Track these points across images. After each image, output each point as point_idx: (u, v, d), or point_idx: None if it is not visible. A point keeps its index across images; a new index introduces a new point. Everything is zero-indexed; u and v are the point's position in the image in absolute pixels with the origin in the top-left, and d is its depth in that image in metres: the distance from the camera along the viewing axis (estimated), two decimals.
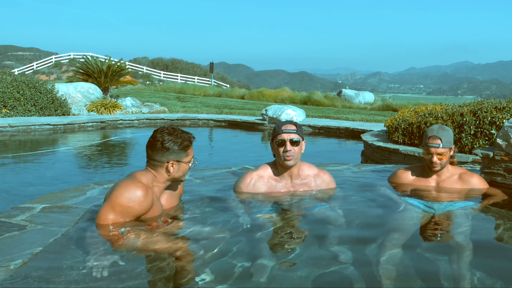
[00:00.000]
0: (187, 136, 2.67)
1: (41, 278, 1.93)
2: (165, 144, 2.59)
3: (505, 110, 6.86)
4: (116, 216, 2.46)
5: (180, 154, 2.63)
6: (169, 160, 2.61)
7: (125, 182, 2.53)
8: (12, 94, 12.94)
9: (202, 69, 55.36)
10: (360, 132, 10.51)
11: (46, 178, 6.48)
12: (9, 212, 2.78)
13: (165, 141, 2.59)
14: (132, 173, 2.65)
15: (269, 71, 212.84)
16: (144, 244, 2.30)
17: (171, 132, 2.63)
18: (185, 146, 2.65)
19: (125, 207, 2.46)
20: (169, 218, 2.68)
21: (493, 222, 2.99)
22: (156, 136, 2.62)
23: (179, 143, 2.62)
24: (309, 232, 2.67)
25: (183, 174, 2.72)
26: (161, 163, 2.62)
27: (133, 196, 2.47)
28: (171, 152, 2.60)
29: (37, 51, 75.78)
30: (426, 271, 2.10)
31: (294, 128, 3.13)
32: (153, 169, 2.65)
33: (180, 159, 2.64)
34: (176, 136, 2.62)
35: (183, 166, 2.68)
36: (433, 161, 3.30)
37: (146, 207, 2.52)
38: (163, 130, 2.64)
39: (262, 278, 1.96)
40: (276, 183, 3.23)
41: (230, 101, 22.05)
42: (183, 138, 2.64)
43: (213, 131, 13.12)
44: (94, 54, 33.70)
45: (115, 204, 2.46)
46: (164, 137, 2.60)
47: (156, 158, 2.62)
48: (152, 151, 2.62)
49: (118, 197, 2.47)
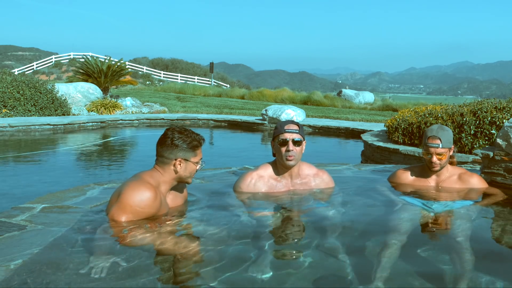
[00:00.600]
0: (197, 137, 2.73)
1: (41, 278, 1.92)
2: (175, 141, 2.64)
3: (505, 110, 6.87)
4: (128, 218, 2.48)
5: (188, 152, 2.68)
6: (177, 157, 2.65)
7: (134, 183, 2.55)
8: (12, 94, 12.94)
9: (202, 69, 55.36)
10: (360, 132, 10.51)
11: (46, 178, 6.47)
12: (9, 212, 2.78)
13: (175, 138, 2.65)
14: (138, 174, 2.67)
15: (269, 71, 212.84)
16: (146, 243, 2.30)
17: (182, 131, 2.70)
18: (194, 145, 2.70)
19: (136, 209, 2.49)
20: (170, 218, 2.68)
21: (493, 222, 2.99)
22: (167, 134, 2.69)
23: (189, 142, 2.67)
24: (309, 232, 2.68)
25: (190, 175, 2.74)
26: (169, 160, 2.66)
27: (143, 197, 2.51)
28: (180, 150, 2.65)
29: (37, 51, 75.78)
30: (425, 271, 2.10)
31: (297, 128, 3.14)
32: (160, 166, 2.68)
33: (188, 158, 2.68)
34: (186, 135, 2.68)
35: (190, 166, 2.71)
36: (433, 161, 3.30)
37: (156, 208, 2.56)
38: (174, 128, 2.71)
39: (263, 278, 1.96)
40: (276, 182, 3.23)
41: (230, 101, 22.05)
42: (193, 138, 2.70)
43: (213, 131, 13.12)
44: (94, 54, 33.71)
45: (126, 206, 2.49)
46: (175, 135, 2.66)
47: (165, 154, 2.66)
48: (162, 147, 2.67)
49: (127, 198, 2.50)
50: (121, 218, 2.47)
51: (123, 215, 2.47)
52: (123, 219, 2.47)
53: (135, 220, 2.49)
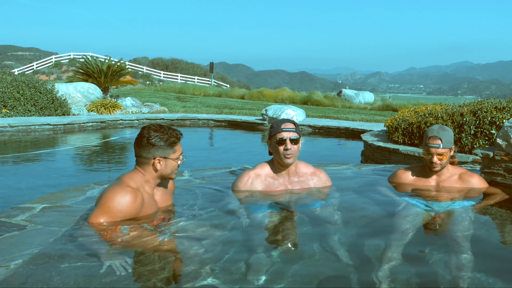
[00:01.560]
0: (174, 133, 2.67)
1: (41, 278, 1.92)
2: (151, 140, 2.59)
3: (505, 110, 6.87)
4: (106, 220, 2.49)
5: (166, 150, 2.63)
6: (155, 156, 2.61)
7: (114, 188, 2.56)
8: (12, 94, 12.94)
9: (202, 69, 55.35)
10: (360, 132, 10.51)
11: (46, 178, 6.48)
12: (9, 212, 2.79)
13: (151, 137, 2.59)
14: (120, 177, 2.66)
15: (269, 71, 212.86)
16: (144, 243, 2.30)
17: (157, 129, 2.63)
18: (172, 142, 2.64)
19: (115, 211, 2.49)
20: (168, 217, 2.68)
21: (493, 222, 2.99)
22: (142, 133, 2.63)
23: (165, 139, 2.62)
24: (308, 231, 2.67)
25: (172, 171, 2.70)
26: (147, 160, 2.62)
27: (122, 200, 2.50)
28: (157, 148, 2.60)
29: (37, 51, 75.79)
30: (425, 271, 2.10)
31: (293, 127, 3.15)
32: (141, 167, 2.66)
33: (166, 156, 2.64)
34: (162, 133, 2.62)
35: (171, 163, 2.67)
36: (433, 161, 3.30)
37: (136, 209, 2.55)
38: (149, 127, 2.64)
39: (260, 277, 1.96)
40: (274, 181, 3.24)
41: (230, 101, 22.05)
42: (170, 134, 2.64)
43: (213, 131, 13.12)
44: (94, 54, 33.69)
45: (105, 209, 2.49)
46: (150, 133, 2.60)
47: (143, 154, 2.62)
48: (139, 147, 2.63)
49: (107, 201, 2.50)
50: (100, 220, 2.48)
51: (102, 217, 2.48)
52: (102, 221, 2.48)
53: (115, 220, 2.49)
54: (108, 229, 2.43)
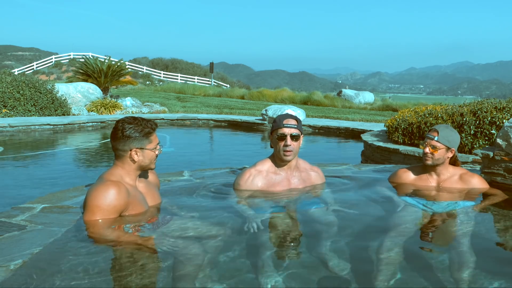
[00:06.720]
0: (149, 124, 2.69)
1: (41, 278, 1.92)
2: (126, 132, 2.61)
3: (505, 110, 6.86)
4: (100, 217, 2.48)
5: (142, 141, 2.65)
6: (132, 148, 2.63)
7: (95, 187, 2.56)
8: (12, 94, 12.94)
9: (202, 69, 55.36)
10: (360, 132, 10.51)
11: (46, 178, 6.47)
12: (9, 212, 2.78)
13: (125, 129, 2.62)
14: (100, 175, 2.68)
15: (269, 71, 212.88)
16: (145, 242, 2.30)
17: (131, 121, 2.65)
18: (147, 133, 2.66)
19: (104, 208, 2.49)
20: (168, 217, 2.68)
21: (493, 222, 2.99)
22: (117, 126, 2.65)
23: (140, 130, 2.64)
24: (309, 229, 2.67)
25: (150, 161, 2.72)
26: (124, 152, 2.64)
27: (108, 195, 2.50)
28: (133, 140, 2.63)
29: (37, 51, 75.81)
30: (425, 271, 2.10)
31: (295, 123, 3.15)
32: (119, 160, 2.68)
33: (143, 146, 2.66)
34: (136, 124, 2.64)
35: (148, 153, 2.69)
36: (425, 151, 3.31)
37: (123, 200, 2.54)
38: (124, 120, 2.67)
39: (261, 277, 1.96)
40: (275, 176, 3.24)
41: (230, 101, 22.05)
42: (144, 125, 2.66)
43: (213, 131, 13.12)
44: (94, 54, 33.70)
45: (93, 209, 2.49)
46: (125, 126, 2.62)
47: (119, 147, 2.65)
48: (115, 141, 2.66)
49: (93, 200, 2.50)
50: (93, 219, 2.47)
51: (94, 217, 2.48)
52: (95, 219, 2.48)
53: (108, 217, 2.49)
54: (108, 229, 2.43)
